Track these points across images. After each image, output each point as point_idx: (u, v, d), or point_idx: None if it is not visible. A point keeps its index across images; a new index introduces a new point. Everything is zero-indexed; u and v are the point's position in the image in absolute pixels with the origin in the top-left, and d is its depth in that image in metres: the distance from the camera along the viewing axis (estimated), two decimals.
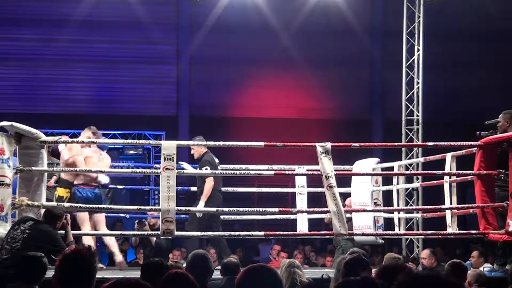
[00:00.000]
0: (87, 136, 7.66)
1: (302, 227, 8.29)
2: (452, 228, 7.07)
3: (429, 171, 7.75)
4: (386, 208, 8.45)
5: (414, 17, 10.85)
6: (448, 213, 7.12)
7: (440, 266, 7.91)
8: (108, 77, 14.32)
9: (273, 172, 7.82)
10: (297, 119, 14.33)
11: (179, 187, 8.11)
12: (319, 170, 6.46)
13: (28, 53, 13.97)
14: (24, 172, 6.26)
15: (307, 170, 7.95)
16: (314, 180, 7.81)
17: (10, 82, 14.04)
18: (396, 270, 3.21)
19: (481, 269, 6.79)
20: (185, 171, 7.82)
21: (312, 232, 7.66)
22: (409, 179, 9.94)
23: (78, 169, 7.36)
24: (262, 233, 6.87)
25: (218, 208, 7.31)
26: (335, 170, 6.53)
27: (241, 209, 7.25)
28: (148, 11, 13.90)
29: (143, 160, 13.53)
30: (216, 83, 14.32)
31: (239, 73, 14.28)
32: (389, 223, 9.20)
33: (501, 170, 6.45)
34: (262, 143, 6.67)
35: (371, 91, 15.02)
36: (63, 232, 6.11)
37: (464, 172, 6.91)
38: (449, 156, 7.14)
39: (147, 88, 14.32)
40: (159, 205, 6.36)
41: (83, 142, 7.43)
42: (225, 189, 9.19)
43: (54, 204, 6.50)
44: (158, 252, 7.92)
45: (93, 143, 7.50)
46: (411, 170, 10.19)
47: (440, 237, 7.32)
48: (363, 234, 7.56)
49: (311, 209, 8.02)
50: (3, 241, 5.69)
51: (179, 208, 6.39)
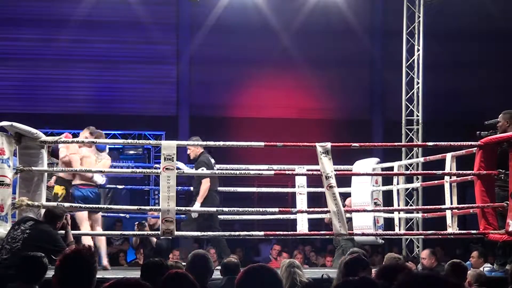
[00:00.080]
0: (85, 136, 7.66)
1: (302, 227, 8.29)
2: (452, 228, 7.07)
3: (429, 171, 7.76)
4: (386, 208, 8.45)
5: (414, 17, 10.85)
6: (448, 213, 7.12)
7: (440, 266, 7.91)
8: (108, 77, 14.32)
9: (273, 172, 7.82)
10: (297, 119, 14.32)
11: (179, 187, 8.10)
12: (319, 170, 6.47)
13: (28, 53, 13.96)
14: (24, 172, 6.26)
15: (307, 170, 7.95)
16: (314, 180, 7.81)
17: (10, 82, 14.03)
18: (396, 270, 3.21)
19: (481, 269, 6.79)
20: (185, 171, 7.81)
21: (312, 232, 7.66)
22: (409, 179, 9.94)
23: (78, 169, 7.36)
24: (262, 233, 6.88)
25: (219, 208, 7.31)
26: (335, 170, 6.54)
27: (241, 209, 7.24)
28: (148, 11, 13.89)
29: (143, 160, 13.52)
30: (216, 83, 14.32)
31: (239, 73, 14.27)
32: (389, 223, 9.20)
33: (501, 170, 6.45)
34: (262, 143, 6.67)
35: (371, 91, 15.01)
36: (63, 232, 6.12)
37: (464, 172, 6.91)
38: (449, 156, 7.14)
39: (147, 88, 14.31)
40: (159, 205, 6.37)
41: (83, 142, 7.43)
42: (225, 189, 9.18)
43: (54, 204, 6.50)
44: (158, 252, 7.91)
45: (93, 143, 7.50)
46: (411, 170, 10.19)
47: (440, 237, 7.32)
48: (363, 234, 7.57)
49: (311, 209, 8.02)
50: (3, 241, 5.69)
51: (179, 208, 6.39)
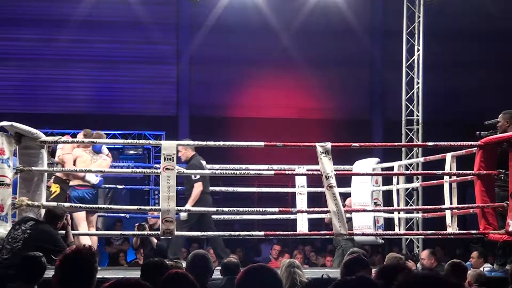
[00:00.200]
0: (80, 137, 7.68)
1: (302, 227, 8.28)
2: (452, 228, 7.07)
3: (429, 171, 7.75)
4: (386, 208, 8.45)
5: (414, 17, 10.84)
6: (448, 213, 7.12)
7: (440, 266, 7.91)
8: (108, 77, 14.32)
9: (273, 172, 7.81)
10: (297, 119, 14.32)
11: (179, 187, 8.09)
12: (319, 170, 6.47)
13: (28, 53, 13.96)
14: (24, 172, 6.26)
15: (307, 170, 7.95)
16: (314, 180, 7.81)
17: (10, 82, 14.03)
18: (396, 270, 3.21)
19: (481, 269, 6.79)
20: (185, 171, 7.81)
21: (312, 232, 7.66)
22: (409, 179, 9.93)
23: (78, 169, 7.37)
24: (262, 233, 6.88)
25: (219, 208, 7.31)
26: (335, 170, 6.54)
27: (241, 209, 7.24)
28: (148, 11, 13.89)
29: (143, 160, 13.51)
30: (216, 83, 14.32)
31: (239, 73, 14.27)
32: (389, 223, 9.20)
33: (501, 170, 6.45)
34: (262, 143, 6.67)
35: (371, 91, 15.01)
36: (63, 232, 6.12)
37: (464, 172, 6.91)
38: (449, 156, 7.14)
39: (147, 88, 14.31)
40: (159, 205, 6.37)
41: (83, 142, 7.43)
42: (225, 189, 9.19)
43: (54, 204, 6.50)
44: (158, 252, 7.91)
45: (93, 143, 7.50)
46: (411, 170, 10.19)
47: (440, 237, 7.32)
48: (363, 234, 7.57)
49: (311, 209, 8.02)
50: (3, 241, 5.69)
51: (179, 208, 6.39)
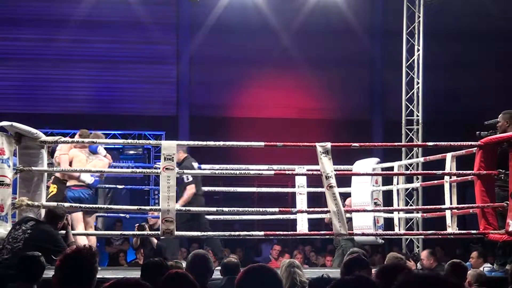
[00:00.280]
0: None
1: (302, 227, 8.28)
2: (452, 228, 7.07)
3: (429, 171, 7.75)
4: (386, 208, 8.45)
5: (414, 17, 10.84)
6: (448, 213, 7.12)
7: (440, 266, 7.92)
8: (108, 77, 14.32)
9: (273, 172, 7.81)
10: (297, 119, 14.32)
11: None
12: (319, 170, 6.47)
13: (28, 53, 13.96)
14: (24, 172, 6.26)
15: (307, 170, 7.95)
16: (314, 180, 7.81)
17: (10, 82, 14.03)
18: (396, 270, 3.20)
19: (481, 269, 6.79)
20: (185, 171, 7.80)
21: (312, 232, 7.66)
22: (409, 179, 9.93)
23: (78, 169, 7.37)
24: (262, 233, 6.87)
25: (219, 208, 7.30)
26: (335, 170, 6.53)
27: (241, 209, 7.24)
28: (148, 11, 13.89)
29: (143, 160, 13.51)
30: (216, 83, 14.32)
31: (239, 73, 14.27)
32: (389, 223, 9.20)
33: (501, 170, 6.45)
34: (262, 143, 6.67)
35: (371, 91, 15.01)
36: (63, 232, 6.12)
37: (464, 172, 6.91)
38: (449, 156, 7.14)
39: (147, 88, 14.31)
40: (159, 205, 6.37)
41: (83, 142, 7.42)
42: (225, 189, 9.20)
43: (55, 204, 6.50)
44: (158, 252, 7.90)
45: (93, 143, 7.49)
46: (411, 170, 10.19)
47: (440, 237, 7.32)
48: (363, 234, 7.56)
49: (311, 209, 8.02)
50: (4, 241, 5.69)
51: (179, 208, 6.39)
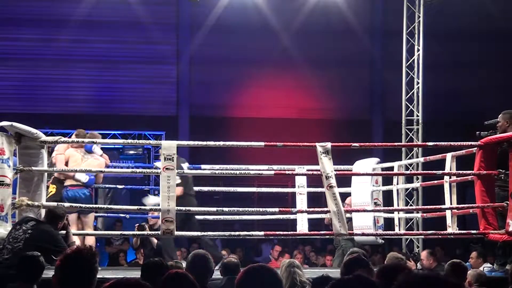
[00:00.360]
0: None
1: (302, 227, 8.28)
2: (452, 228, 7.07)
3: (429, 171, 7.75)
4: (386, 208, 8.45)
5: (414, 17, 10.84)
6: (448, 213, 7.12)
7: (440, 266, 7.92)
8: (108, 77, 14.32)
9: (273, 172, 7.81)
10: (297, 119, 14.32)
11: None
12: (319, 170, 6.46)
13: (28, 53, 13.96)
14: (24, 172, 6.26)
15: (307, 170, 7.95)
16: (314, 180, 7.81)
17: (10, 82, 14.03)
18: (396, 270, 3.20)
19: (481, 269, 6.79)
20: (185, 171, 7.80)
21: (312, 232, 7.66)
22: (409, 179, 9.93)
23: (78, 169, 7.37)
24: (262, 233, 6.87)
25: (219, 208, 7.30)
26: (335, 170, 6.53)
27: (241, 209, 7.24)
28: (148, 11, 13.89)
29: (143, 160, 13.51)
30: (216, 83, 14.32)
31: (239, 73, 14.27)
32: (389, 223, 9.20)
33: (501, 170, 6.45)
34: (262, 143, 6.67)
35: (371, 91, 15.01)
36: (63, 232, 6.12)
37: (464, 172, 6.91)
38: (449, 156, 7.14)
39: (147, 88, 14.32)
40: (159, 205, 6.37)
41: (83, 142, 7.42)
42: (225, 189, 9.19)
43: (55, 204, 6.50)
44: (158, 252, 7.90)
45: (93, 143, 7.50)
46: (411, 170, 10.19)
47: (440, 237, 7.32)
48: (363, 234, 7.56)
49: (311, 209, 8.02)
50: (4, 241, 5.69)
51: (179, 208, 6.39)
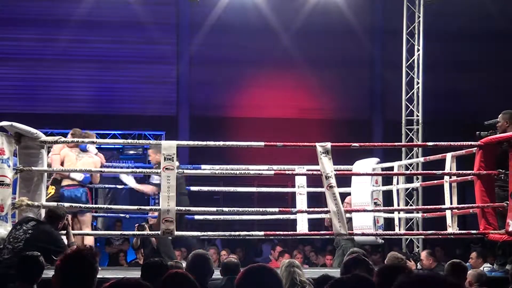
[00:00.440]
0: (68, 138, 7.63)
1: (302, 227, 8.28)
2: (452, 228, 7.07)
3: (429, 171, 7.75)
4: (386, 208, 8.44)
5: (414, 17, 10.83)
6: (448, 213, 7.12)
7: (440, 266, 7.92)
8: (108, 77, 14.32)
9: (273, 172, 7.80)
10: (297, 119, 14.32)
11: None
12: (319, 170, 6.46)
13: (28, 53, 13.97)
14: (24, 172, 6.26)
15: (307, 170, 7.94)
16: (314, 180, 7.81)
17: (10, 82, 14.04)
18: (396, 270, 3.20)
19: (481, 269, 6.79)
20: (185, 171, 7.80)
21: (312, 232, 7.65)
22: (409, 179, 9.93)
23: (78, 169, 7.38)
24: (262, 233, 6.87)
25: (219, 208, 7.30)
26: (335, 170, 6.53)
27: (241, 209, 7.24)
28: (148, 11, 13.89)
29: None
30: (216, 83, 14.32)
31: (239, 73, 14.28)
32: (389, 223, 9.19)
33: (501, 170, 6.45)
34: (262, 143, 6.67)
35: (371, 91, 15.02)
36: (63, 232, 6.12)
37: (464, 172, 6.91)
38: (449, 156, 7.14)
39: (147, 88, 14.32)
40: (159, 205, 6.36)
41: (83, 142, 7.42)
42: (225, 189, 9.19)
43: (54, 204, 6.50)
44: (158, 252, 7.90)
45: (93, 143, 7.50)
46: (411, 170, 10.18)
47: (440, 237, 7.32)
48: (363, 234, 7.56)
49: (311, 209, 8.02)
50: (5, 241, 5.69)
51: (179, 208, 6.39)
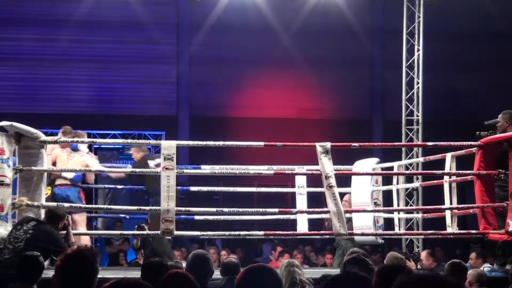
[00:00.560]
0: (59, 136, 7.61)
1: (302, 227, 8.28)
2: (452, 228, 7.07)
3: (429, 171, 7.75)
4: (386, 208, 8.44)
5: (414, 17, 10.83)
6: (447, 213, 7.12)
7: (440, 266, 7.91)
8: (108, 77, 14.33)
9: (272, 172, 7.80)
10: (297, 119, 14.32)
11: (179, 187, 8.09)
12: (319, 170, 6.46)
13: (28, 53, 13.97)
14: (24, 172, 6.26)
15: (307, 170, 7.94)
16: (314, 180, 7.81)
17: (10, 82, 14.04)
18: (396, 270, 3.20)
19: (481, 269, 6.79)
20: (185, 170, 7.79)
21: (312, 232, 7.65)
22: (409, 179, 9.93)
23: (78, 169, 7.38)
24: (262, 232, 6.88)
25: (219, 209, 7.30)
26: (335, 170, 6.53)
27: (241, 209, 7.24)
28: (148, 11, 13.90)
29: None
30: (216, 83, 14.33)
31: (239, 73, 14.28)
32: (389, 223, 9.19)
33: (501, 170, 6.45)
34: (262, 143, 6.66)
35: (371, 91, 15.02)
36: (64, 232, 6.11)
37: (464, 172, 6.91)
38: (449, 156, 7.14)
39: (147, 88, 14.32)
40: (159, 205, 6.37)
41: (83, 142, 7.43)
42: (225, 189, 9.18)
43: (54, 204, 6.50)
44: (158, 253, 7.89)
45: (93, 142, 7.50)
46: (411, 170, 10.18)
47: (440, 237, 7.32)
48: (363, 234, 7.56)
49: (311, 209, 8.01)
50: (5, 241, 5.69)
51: (179, 208, 6.39)
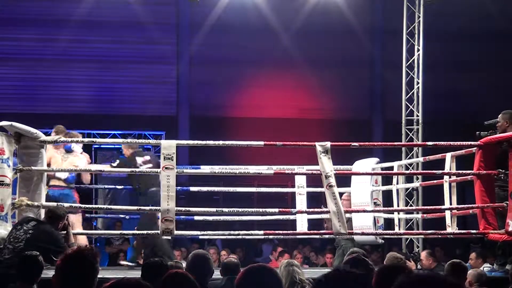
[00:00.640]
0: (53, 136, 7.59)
1: (302, 227, 8.28)
2: (452, 228, 7.07)
3: (429, 171, 7.75)
4: (386, 208, 8.44)
5: (414, 17, 10.83)
6: (447, 213, 7.11)
7: (440, 266, 7.91)
8: (108, 77, 14.33)
9: (272, 172, 7.79)
10: (297, 119, 14.33)
11: (179, 187, 8.09)
12: (318, 170, 6.46)
13: (28, 53, 13.97)
14: (24, 172, 6.26)
15: (307, 170, 7.94)
16: (314, 180, 7.81)
17: (10, 82, 14.04)
18: (395, 270, 3.20)
19: (481, 269, 6.79)
20: (185, 170, 7.80)
21: (312, 232, 7.65)
22: (409, 179, 9.93)
23: (77, 169, 7.38)
24: (261, 232, 6.88)
25: (219, 209, 7.30)
26: (334, 170, 6.52)
27: (241, 209, 7.23)
28: (148, 11, 13.90)
29: None
30: (216, 83, 14.33)
31: (239, 73, 14.28)
32: (389, 223, 9.19)
33: (501, 170, 6.45)
34: (262, 143, 6.66)
35: (371, 91, 15.02)
36: (64, 232, 6.12)
37: (464, 172, 6.90)
38: (449, 156, 7.14)
39: (147, 88, 14.33)
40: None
41: (82, 142, 7.43)
42: (225, 189, 9.17)
43: (54, 204, 6.50)
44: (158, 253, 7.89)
45: (93, 142, 7.50)
46: (411, 170, 10.18)
47: (440, 237, 7.32)
48: (363, 234, 7.56)
49: (310, 210, 8.01)
50: (5, 241, 5.69)
51: (178, 208, 6.39)
